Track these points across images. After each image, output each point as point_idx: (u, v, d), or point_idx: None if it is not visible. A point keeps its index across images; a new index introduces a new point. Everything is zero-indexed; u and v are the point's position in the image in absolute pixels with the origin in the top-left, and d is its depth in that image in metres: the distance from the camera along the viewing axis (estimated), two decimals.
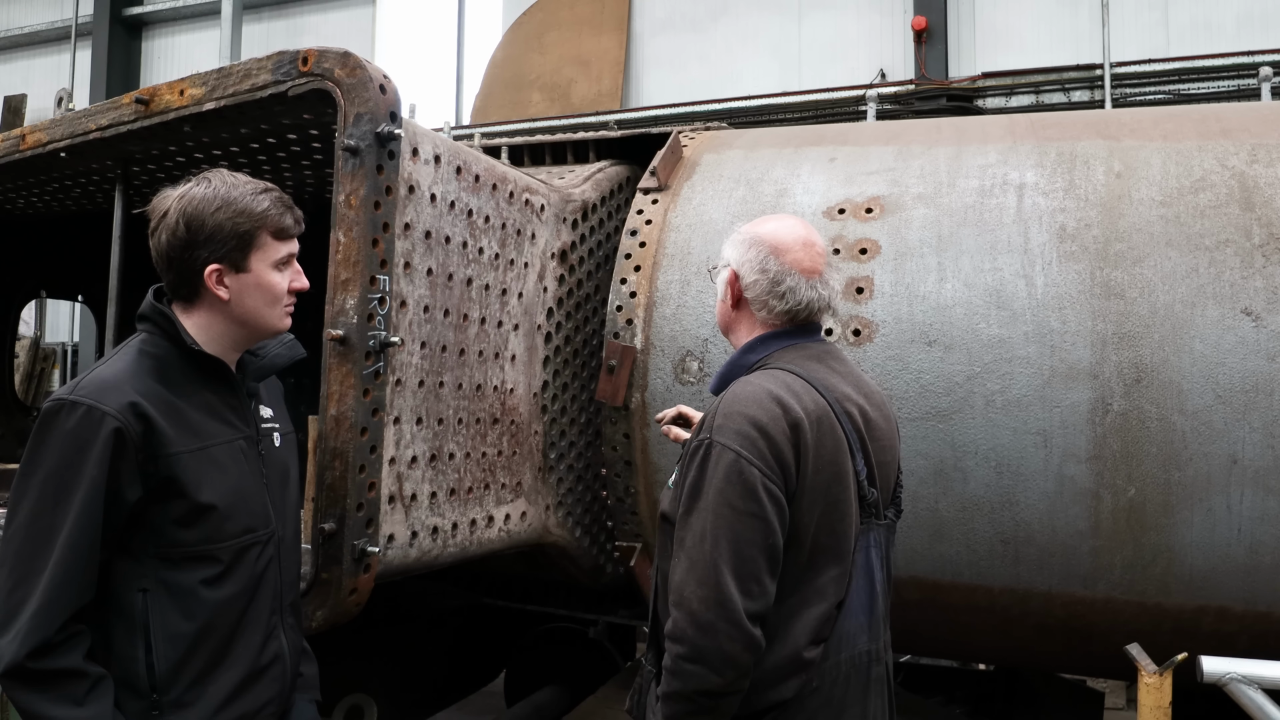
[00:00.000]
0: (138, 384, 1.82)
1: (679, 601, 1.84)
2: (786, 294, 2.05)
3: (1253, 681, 2.29)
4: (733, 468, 1.84)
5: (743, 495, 1.83)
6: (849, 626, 1.97)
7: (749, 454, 1.84)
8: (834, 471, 1.93)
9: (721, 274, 2.17)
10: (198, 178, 1.93)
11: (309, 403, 3.72)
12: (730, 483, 1.84)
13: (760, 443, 1.85)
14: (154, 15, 16.90)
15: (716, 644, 1.80)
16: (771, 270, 2.07)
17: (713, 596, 1.80)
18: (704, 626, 1.80)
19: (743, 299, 2.11)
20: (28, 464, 1.79)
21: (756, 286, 2.08)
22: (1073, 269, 2.89)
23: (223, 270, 1.89)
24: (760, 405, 1.88)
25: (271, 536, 1.97)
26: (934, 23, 11.49)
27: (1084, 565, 2.85)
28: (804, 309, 2.07)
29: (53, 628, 1.71)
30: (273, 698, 1.95)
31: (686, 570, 1.85)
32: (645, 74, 13.27)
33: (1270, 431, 2.67)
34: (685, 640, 1.82)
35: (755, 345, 2.09)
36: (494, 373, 3.03)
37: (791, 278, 2.06)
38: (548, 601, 4.02)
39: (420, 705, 4.29)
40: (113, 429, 1.75)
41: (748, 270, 2.09)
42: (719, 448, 1.86)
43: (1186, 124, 3.18)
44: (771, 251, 2.08)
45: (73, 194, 3.86)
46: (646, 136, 3.83)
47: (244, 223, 1.88)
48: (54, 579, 1.72)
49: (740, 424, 1.87)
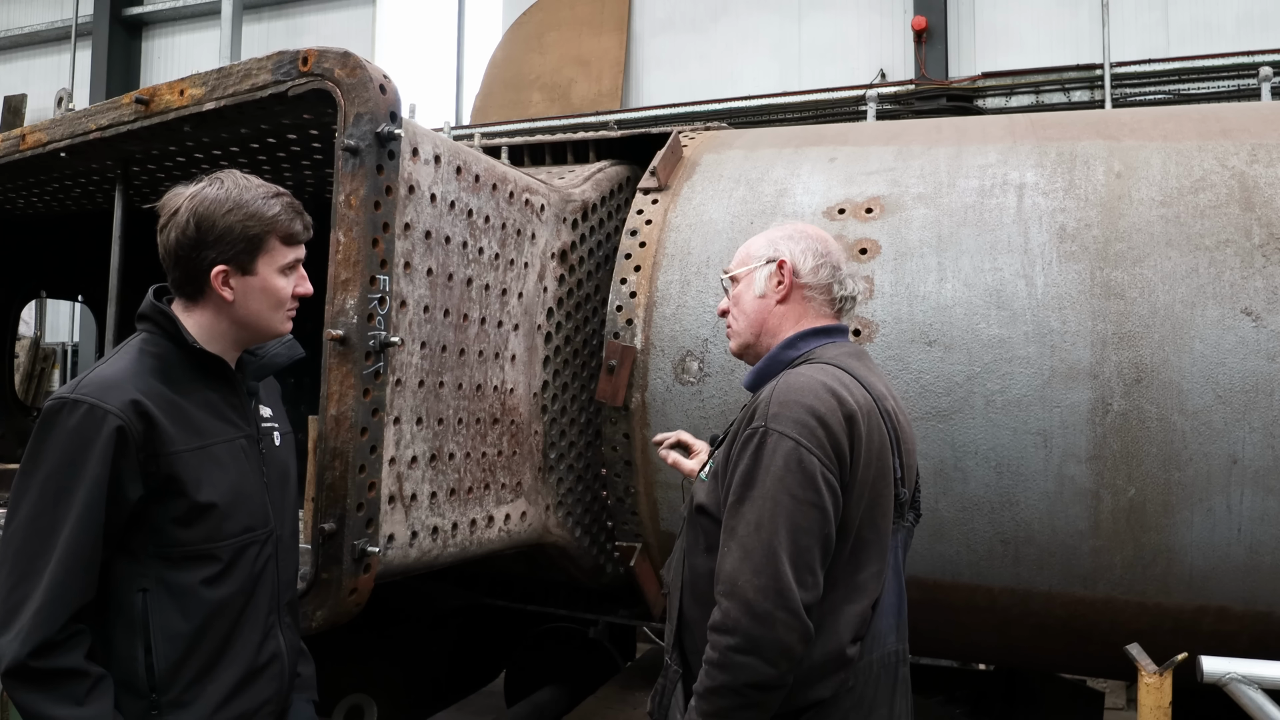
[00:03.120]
0: (139, 382, 1.82)
1: (731, 591, 1.80)
2: (846, 280, 2.12)
3: (1253, 681, 2.28)
4: (791, 455, 1.82)
5: (802, 483, 1.81)
6: (881, 625, 1.96)
7: (808, 442, 1.83)
8: (880, 467, 1.93)
9: (763, 270, 2.12)
10: (210, 178, 1.93)
11: (309, 403, 3.72)
12: (790, 470, 1.81)
13: (819, 432, 1.84)
14: (154, 15, 16.90)
15: (774, 634, 1.76)
16: (832, 255, 2.12)
17: (771, 586, 1.77)
18: (761, 616, 1.76)
19: (795, 290, 2.09)
20: (29, 463, 1.79)
21: (820, 272, 2.09)
22: (1073, 269, 2.89)
23: (229, 272, 1.89)
24: (817, 395, 1.87)
25: (270, 535, 1.97)
26: (934, 23, 11.49)
27: (1084, 565, 2.85)
28: (851, 299, 2.14)
29: (55, 626, 1.71)
30: (271, 697, 1.95)
31: (740, 559, 1.81)
32: (645, 74, 13.28)
33: (1270, 431, 2.67)
34: (739, 631, 1.77)
35: (795, 341, 2.07)
36: (494, 373, 3.03)
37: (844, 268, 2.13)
38: (548, 601, 4.01)
39: (420, 705, 4.29)
40: (115, 427, 1.75)
41: (809, 258, 2.09)
42: (776, 435, 1.84)
43: (1186, 124, 3.18)
44: (820, 240, 2.13)
45: (73, 194, 3.86)
46: (646, 136, 3.83)
47: (254, 226, 1.88)
48: (56, 577, 1.71)
49: (798, 413, 1.85)
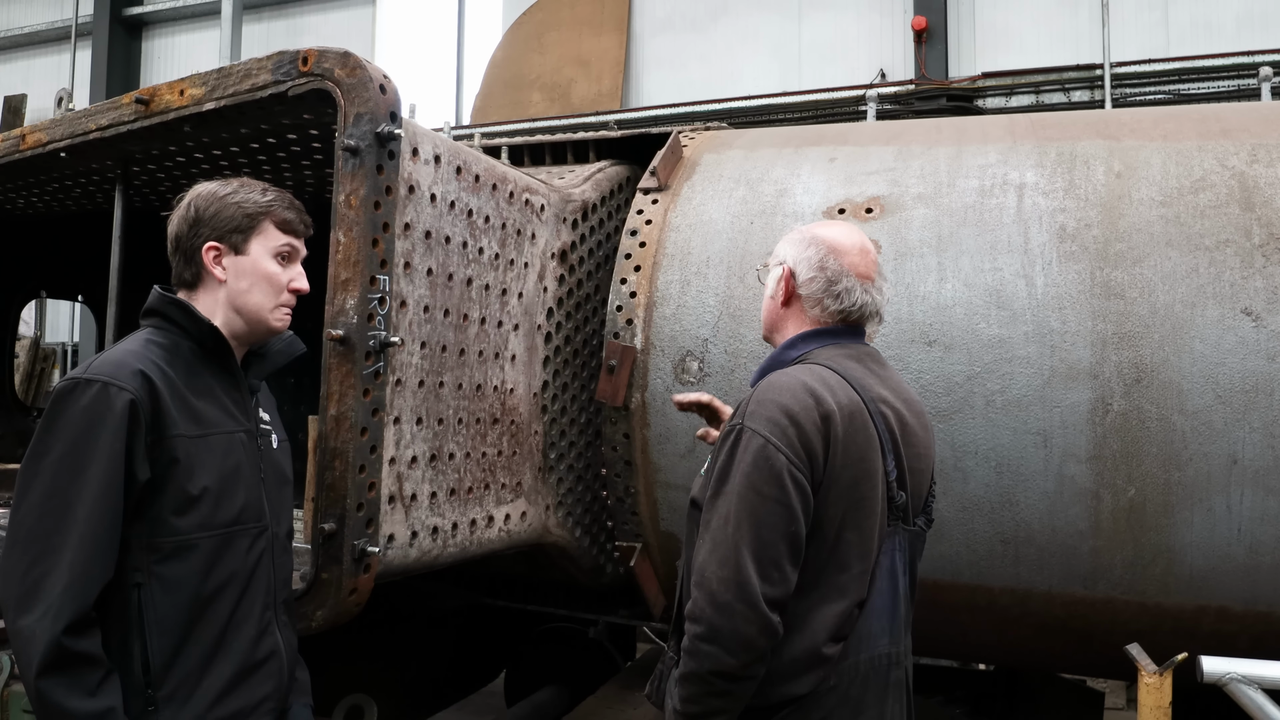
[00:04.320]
0: (148, 365, 1.85)
1: (700, 582, 1.88)
2: (842, 294, 2.09)
3: (1253, 681, 2.28)
4: (760, 453, 1.87)
5: (768, 480, 1.86)
6: (870, 627, 1.97)
7: (778, 440, 1.87)
8: (864, 469, 1.94)
9: (774, 272, 2.18)
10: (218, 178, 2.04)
11: (309, 403, 3.72)
12: (757, 468, 1.87)
13: (790, 431, 1.88)
14: (154, 15, 16.90)
15: (733, 625, 1.82)
16: (830, 269, 2.10)
17: (732, 578, 1.83)
18: (721, 607, 1.83)
19: (794, 296, 2.13)
20: (39, 445, 1.78)
21: (813, 284, 2.10)
22: (1073, 269, 2.89)
23: (221, 250, 1.96)
24: (793, 395, 1.92)
25: (264, 531, 1.98)
26: (934, 23, 11.49)
27: (1084, 565, 2.85)
28: (856, 311, 2.11)
29: (88, 601, 1.70)
30: (269, 694, 1.95)
31: (709, 552, 1.88)
32: (645, 74, 13.28)
33: (1270, 431, 2.67)
34: (703, 620, 1.85)
35: (796, 342, 2.11)
36: (494, 373, 3.03)
37: (848, 279, 2.09)
38: (548, 601, 4.01)
39: (420, 705, 4.29)
40: (128, 401, 1.77)
41: (805, 267, 2.11)
42: (749, 433, 1.90)
43: (1186, 124, 3.18)
44: (830, 251, 2.11)
45: (73, 194, 3.86)
46: (646, 136, 3.82)
47: (249, 207, 1.98)
48: (83, 552, 1.71)
49: (772, 411, 1.90)
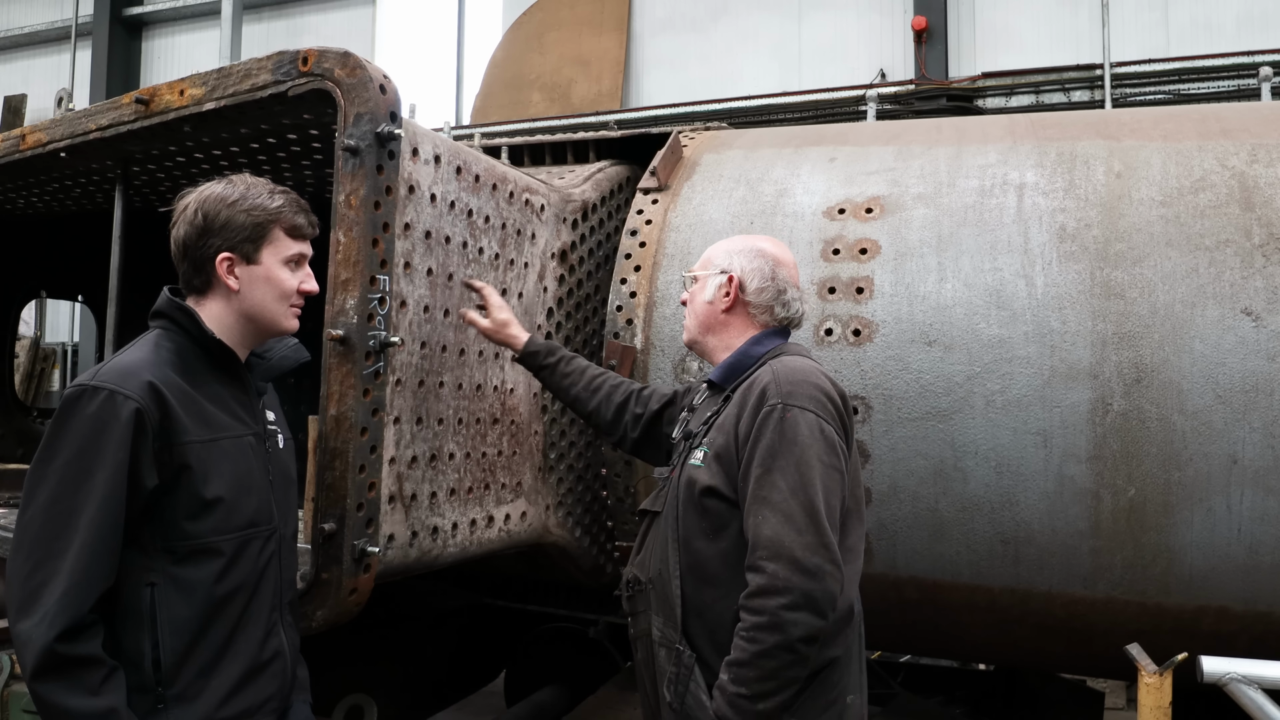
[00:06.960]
0: (157, 372, 1.85)
1: (776, 554, 1.94)
2: (789, 302, 2.35)
3: (1253, 681, 2.29)
4: (815, 426, 2.05)
5: (828, 450, 2.04)
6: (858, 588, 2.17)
7: (825, 416, 2.07)
8: (853, 445, 2.20)
9: (715, 279, 2.36)
10: (220, 178, 2.01)
11: (309, 403, 3.72)
12: (815, 439, 2.03)
13: (829, 407, 2.09)
14: (154, 15, 16.91)
15: (824, 586, 1.93)
16: (780, 280, 2.34)
17: (818, 541, 1.95)
18: (811, 571, 1.92)
19: (739, 303, 2.34)
20: (46, 450, 1.79)
21: (764, 293, 2.32)
22: (1073, 269, 2.89)
23: (234, 260, 1.96)
24: (818, 376, 2.15)
25: (274, 533, 1.99)
26: (934, 23, 11.50)
27: (1084, 565, 2.85)
28: (797, 318, 2.38)
29: (84, 609, 1.71)
30: (274, 694, 1.96)
31: (781, 523, 1.96)
32: (645, 74, 13.28)
33: (1270, 431, 2.67)
34: (790, 589, 1.91)
35: (761, 339, 2.32)
36: (494, 373, 3.03)
37: (792, 289, 2.35)
38: (548, 601, 4.01)
39: (420, 705, 4.29)
40: (134, 410, 1.77)
41: (756, 278, 2.33)
42: (796, 410, 2.05)
43: (1186, 124, 3.18)
44: (776, 264, 2.35)
45: (73, 194, 3.86)
46: (646, 136, 3.82)
47: (258, 215, 1.96)
48: (80, 561, 1.71)
49: (812, 391, 2.09)
